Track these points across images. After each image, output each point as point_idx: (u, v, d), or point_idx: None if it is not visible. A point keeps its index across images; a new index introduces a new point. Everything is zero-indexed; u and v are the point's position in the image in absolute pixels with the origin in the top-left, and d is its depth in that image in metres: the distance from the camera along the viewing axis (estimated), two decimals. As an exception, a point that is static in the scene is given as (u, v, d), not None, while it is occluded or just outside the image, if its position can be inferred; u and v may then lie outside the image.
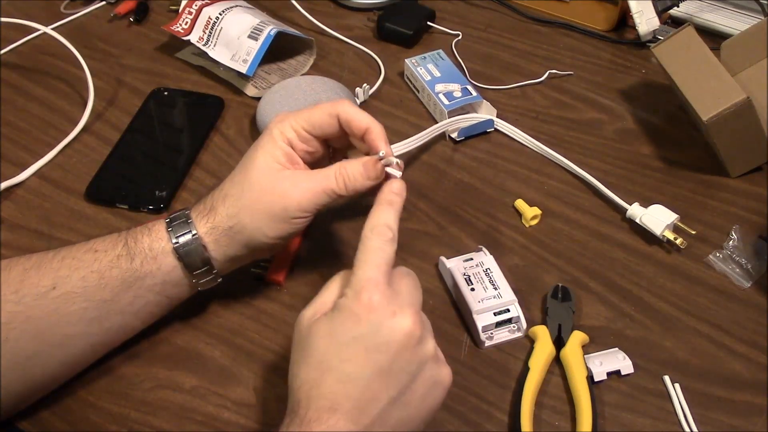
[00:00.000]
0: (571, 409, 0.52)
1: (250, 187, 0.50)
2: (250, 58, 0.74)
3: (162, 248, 0.50)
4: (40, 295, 0.48)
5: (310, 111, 0.51)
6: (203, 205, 0.52)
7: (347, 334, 0.41)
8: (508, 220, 0.65)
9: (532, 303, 0.59)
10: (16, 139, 0.72)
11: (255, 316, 0.58)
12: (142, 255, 0.50)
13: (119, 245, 0.50)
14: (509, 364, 0.55)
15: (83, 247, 0.50)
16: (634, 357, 0.55)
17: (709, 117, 0.63)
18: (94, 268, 0.49)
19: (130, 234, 0.51)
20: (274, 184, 0.50)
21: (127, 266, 0.49)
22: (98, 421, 0.51)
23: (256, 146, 0.51)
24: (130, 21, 0.86)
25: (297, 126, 0.51)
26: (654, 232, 0.62)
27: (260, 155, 0.50)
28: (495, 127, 0.73)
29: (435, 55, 0.78)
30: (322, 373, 0.41)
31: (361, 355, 0.41)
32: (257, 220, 0.50)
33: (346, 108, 0.50)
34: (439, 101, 0.72)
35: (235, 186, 0.51)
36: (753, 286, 0.60)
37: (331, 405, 0.40)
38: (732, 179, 0.69)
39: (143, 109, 0.75)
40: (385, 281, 0.43)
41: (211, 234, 0.50)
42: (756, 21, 0.79)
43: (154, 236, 0.50)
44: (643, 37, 0.83)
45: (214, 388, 0.53)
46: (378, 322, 0.41)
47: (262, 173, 0.50)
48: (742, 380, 0.54)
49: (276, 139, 0.51)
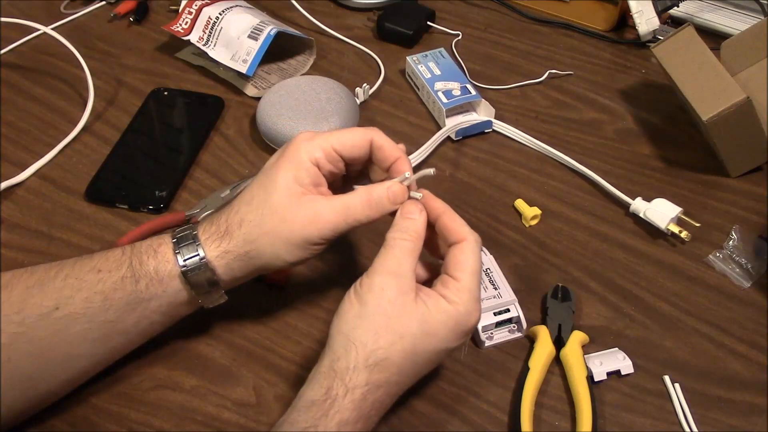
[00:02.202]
0: (571, 409, 0.52)
1: (271, 213, 0.48)
2: (250, 58, 0.74)
3: (168, 272, 0.49)
4: (42, 315, 0.47)
5: (341, 132, 0.50)
6: (215, 227, 0.49)
7: (447, 344, 0.46)
8: (508, 220, 0.65)
9: (532, 303, 0.59)
10: (16, 139, 0.72)
11: (255, 317, 0.58)
12: (148, 278, 0.48)
13: (123, 266, 0.48)
14: (509, 364, 0.55)
15: (86, 265, 0.49)
16: (634, 357, 0.55)
17: (709, 117, 0.63)
18: (98, 290, 0.48)
19: (135, 254, 0.49)
20: (296, 211, 0.48)
21: (131, 288, 0.48)
22: (98, 421, 0.51)
23: (277, 166, 0.49)
24: (130, 21, 0.86)
25: (327, 146, 0.49)
26: (658, 225, 0.62)
27: (282, 176, 0.48)
28: (493, 128, 0.73)
29: (436, 53, 0.78)
30: (406, 353, 0.45)
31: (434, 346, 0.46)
32: (276, 248, 0.48)
33: (381, 135, 0.50)
34: (438, 99, 0.72)
35: (253, 211, 0.49)
36: (753, 286, 0.60)
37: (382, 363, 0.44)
38: (732, 179, 0.69)
39: (143, 109, 0.75)
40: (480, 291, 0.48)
41: (222, 258, 0.49)
42: (756, 21, 0.79)
43: (160, 258, 0.49)
44: (643, 37, 0.83)
45: (214, 388, 0.53)
46: (465, 329, 0.47)
47: (284, 197, 0.48)
48: (742, 380, 0.54)
49: (303, 159, 0.49)
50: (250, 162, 0.70)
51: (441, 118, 0.72)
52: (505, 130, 0.73)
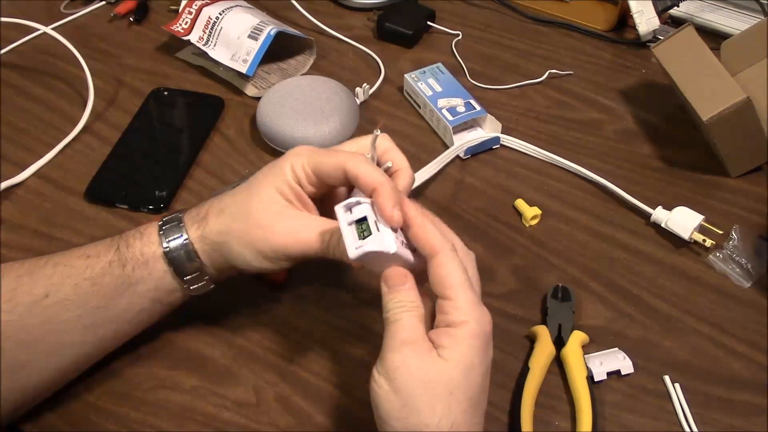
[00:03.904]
0: (571, 409, 0.52)
1: (245, 215, 0.48)
2: (250, 58, 0.74)
3: (153, 253, 0.49)
4: (33, 303, 0.47)
5: (322, 156, 0.48)
6: (197, 210, 0.50)
7: (486, 363, 0.44)
8: (508, 220, 0.65)
9: (532, 303, 0.59)
10: (16, 139, 0.72)
11: (255, 316, 0.58)
12: (134, 260, 0.49)
13: (111, 250, 0.49)
14: (509, 364, 0.55)
15: (77, 252, 0.49)
16: (634, 357, 0.55)
17: (709, 117, 0.63)
18: (87, 275, 0.48)
19: (123, 238, 0.50)
20: (269, 221, 0.48)
21: (119, 272, 0.48)
22: (98, 421, 0.51)
23: (267, 172, 0.49)
24: (130, 21, 0.86)
25: (308, 167, 0.48)
26: (682, 236, 0.61)
27: (267, 185, 0.48)
28: (501, 143, 0.71)
29: (434, 69, 0.76)
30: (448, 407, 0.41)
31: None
32: (243, 248, 0.48)
33: (357, 164, 0.46)
34: (443, 117, 0.70)
35: (233, 205, 0.49)
36: (753, 286, 0.60)
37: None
38: (732, 179, 0.69)
39: (143, 109, 0.75)
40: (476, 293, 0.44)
41: (200, 242, 0.49)
42: (756, 21, 0.79)
43: (146, 240, 0.49)
44: (643, 37, 0.83)
45: (214, 388, 0.53)
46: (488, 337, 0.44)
47: (262, 205, 0.48)
48: (742, 380, 0.54)
49: (286, 173, 0.48)
50: (250, 162, 0.70)
51: (447, 136, 0.70)
52: (513, 144, 0.71)
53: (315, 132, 0.68)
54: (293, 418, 0.52)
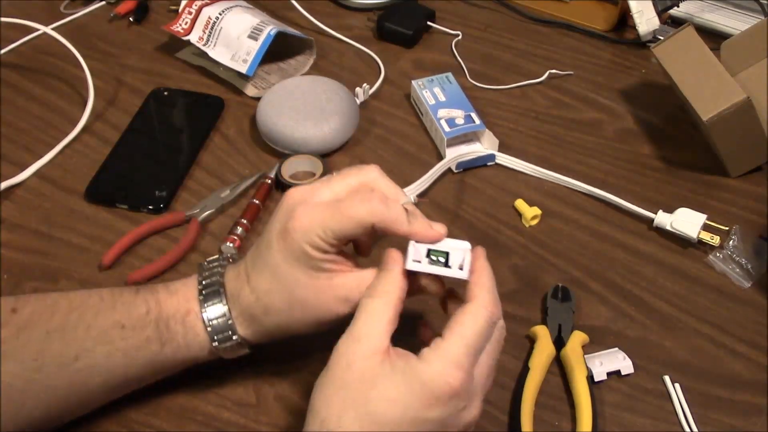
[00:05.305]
0: (571, 409, 0.52)
1: (290, 306, 0.46)
2: (250, 58, 0.74)
3: (199, 343, 0.48)
4: (62, 365, 0.45)
5: (339, 221, 0.44)
6: (237, 298, 0.48)
7: (415, 412, 0.40)
8: (508, 220, 0.65)
9: (532, 303, 0.59)
10: (16, 139, 0.72)
11: (255, 316, 0.58)
12: (175, 345, 0.48)
13: (149, 327, 0.47)
14: (509, 364, 0.55)
15: (109, 318, 0.47)
16: (634, 357, 0.55)
17: (709, 117, 0.63)
18: (120, 347, 0.46)
19: (162, 315, 0.47)
20: (315, 298, 0.46)
21: (157, 350, 0.47)
22: (98, 421, 0.51)
23: (281, 256, 0.45)
24: (130, 21, 0.86)
25: (327, 237, 0.44)
26: (689, 237, 0.61)
27: (291, 269, 0.45)
28: (496, 161, 0.69)
29: (443, 78, 0.75)
30: (362, 422, 0.40)
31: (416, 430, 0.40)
32: (296, 330, 0.48)
33: (385, 218, 0.44)
34: (440, 127, 0.69)
35: (274, 301, 0.47)
36: (753, 286, 0.60)
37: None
38: (732, 179, 0.69)
39: (143, 109, 0.75)
40: (472, 363, 0.42)
41: (250, 336, 0.49)
42: (756, 21, 0.79)
43: (189, 327, 0.48)
44: (643, 37, 0.83)
45: (214, 388, 0.53)
46: (450, 411, 0.40)
47: (303, 290, 0.46)
48: (742, 380, 0.54)
49: (303, 247, 0.44)
50: (250, 162, 0.70)
51: (442, 147, 0.69)
52: (508, 162, 0.69)
53: (315, 132, 0.68)
54: (293, 418, 0.52)
